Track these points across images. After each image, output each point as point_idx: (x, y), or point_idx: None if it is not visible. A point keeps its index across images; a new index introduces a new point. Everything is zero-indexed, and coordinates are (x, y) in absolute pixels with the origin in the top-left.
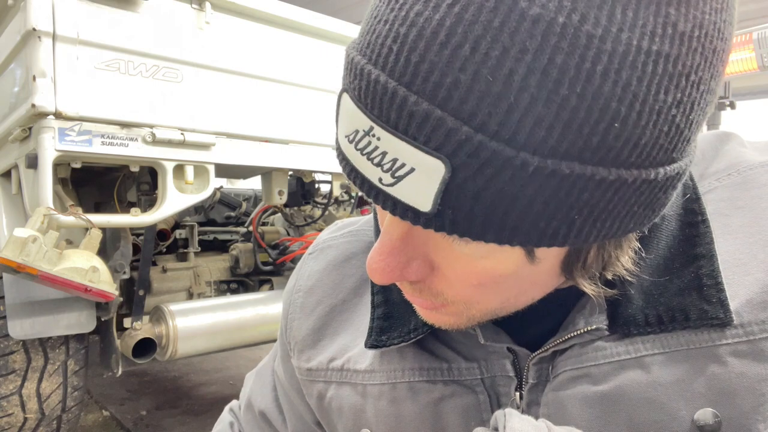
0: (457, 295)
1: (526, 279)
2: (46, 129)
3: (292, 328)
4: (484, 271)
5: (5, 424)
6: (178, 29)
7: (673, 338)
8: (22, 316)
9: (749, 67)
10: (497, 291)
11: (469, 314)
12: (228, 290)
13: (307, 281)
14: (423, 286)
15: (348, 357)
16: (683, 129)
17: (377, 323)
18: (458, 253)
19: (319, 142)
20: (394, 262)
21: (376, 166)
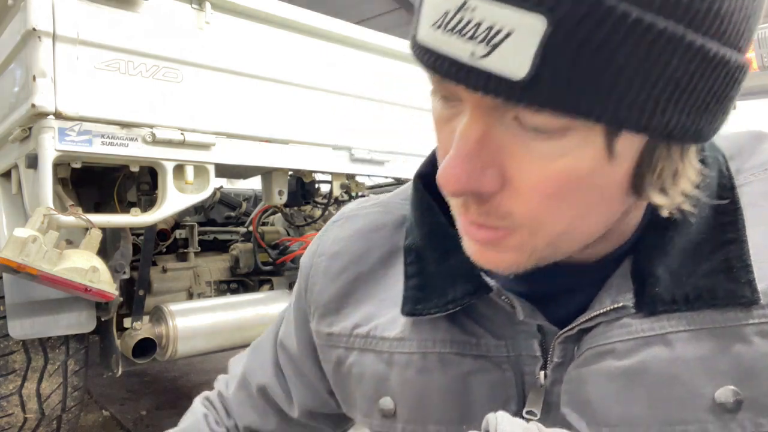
0: (528, 211)
1: (597, 188)
2: (46, 129)
3: (313, 291)
4: (561, 173)
5: (5, 424)
6: (178, 29)
7: (698, 316)
8: (22, 316)
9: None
10: (568, 203)
11: (533, 244)
12: (228, 290)
13: (331, 246)
14: (491, 207)
15: (375, 324)
16: (751, 24)
17: (412, 293)
18: (535, 156)
19: (319, 142)
20: (470, 168)
21: (468, 40)
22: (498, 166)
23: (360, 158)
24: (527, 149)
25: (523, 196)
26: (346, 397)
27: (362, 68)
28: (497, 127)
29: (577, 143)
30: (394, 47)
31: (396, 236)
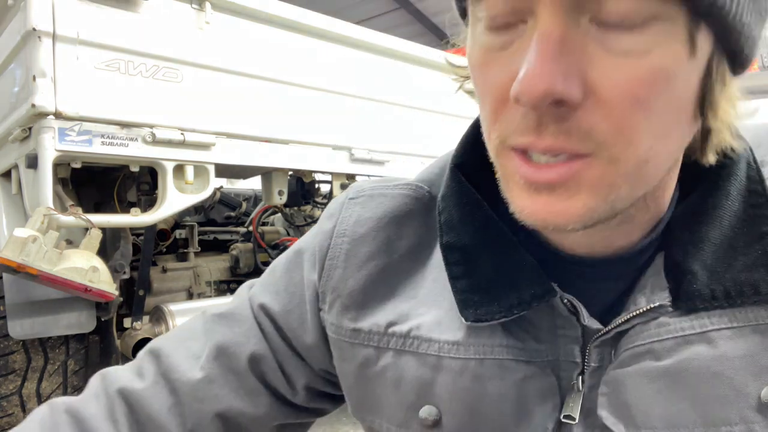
0: (614, 124)
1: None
2: (46, 129)
3: (332, 276)
4: (648, 72)
5: (5, 424)
6: (178, 29)
7: (741, 313)
8: (22, 316)
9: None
10: (656, 113)
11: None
12: (228, 290)
13: (355, 227)
14: (572, 124)
15: (416, 324)
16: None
17: (466, 296)
18: (619, 56)
19: (319, 142)
20: (557, 67)
21: None
22: (580, 74)
23: (360, 158)
24: (609, 51)
25: (609, 104)
26: (371, 402)
27: (362, 68)
28: (575, 30)
29: (662, 36)
30: (394, 47)
31: (424, 228)
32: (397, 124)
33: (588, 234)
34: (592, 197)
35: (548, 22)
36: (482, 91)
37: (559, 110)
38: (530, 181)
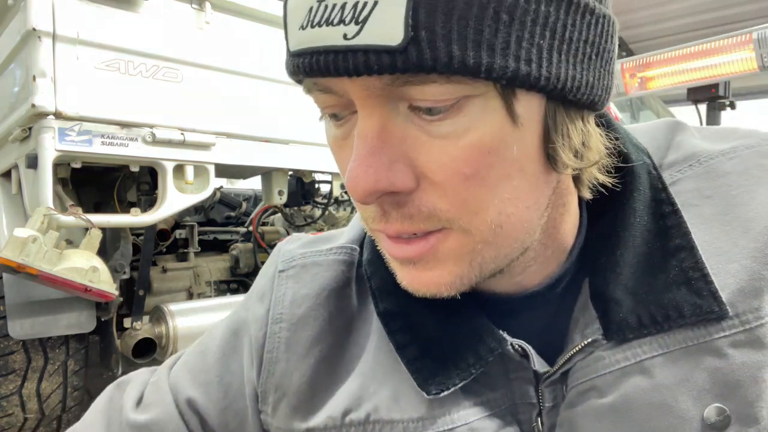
0: (452, 201)
1: (513, 161)
2: (46, 129)
3: (274, 372)
4: (471, 149)
5: (5, 424)
6: (178, 29)
7: (669, 337)
8: (22, 316)
9: (749, 67)
10: (490, 182)
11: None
12: (228, 290)
13: (292, 309)
14: (412, 208)
15: (373, 406)
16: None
17: (418, 365)
18: (440, 139)
19: (319, 142)
20: (376, 163)
21: (337, 25)
22: (406, 161)
23: None
24: (430, 135)
25: (442, 186)
26: None
27: None
28: (394, 120)
29: (477, 114)
30: None
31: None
32: None
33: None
34: (456, 265)
35: (366, 118)
36: (341, 173)
37: (396, 198)
38: (395, 257)
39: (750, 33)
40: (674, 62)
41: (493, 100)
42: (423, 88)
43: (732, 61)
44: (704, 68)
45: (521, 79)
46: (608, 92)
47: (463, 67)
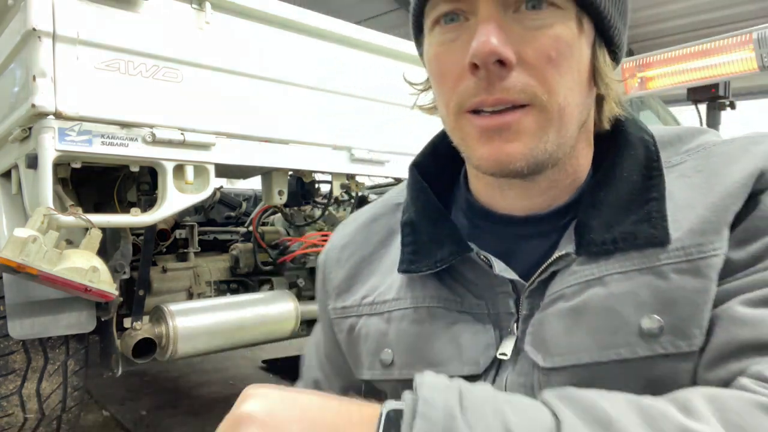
0: (539, 77)
1: (577, 61)
2: (46, 129)
3: (329, 279)
4: (554, 38)
5: (5, 424)
6: (178, 29)
7: (628, 260)
8: (22, 316)
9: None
10: (565, 68)
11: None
12: (228, 290)
13: (339, 240)
14: (511, 81)
15: (378, 293)
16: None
17: (407, 257)
18: (534, 30)
19: (319, 142)
20: (497, 36)
21: None
22: (512, 45)
23: (360, 158)
24: (527, 28)
25: (533, 65)
26: (355, 359)
27: (362, 68)
28: (504, 18)
29: (560, 17)
30: (394, 47)
31: (392, 221)
32: (397, 124)
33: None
34: (530, 139)
35: (488, 14)
36: (441, 75)
37: (501, 71)
38: (484, 128)
39: (750, 33)
40: (674, 62)
41: (570, 12)
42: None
43: (732, 61)
44: (704, 68)
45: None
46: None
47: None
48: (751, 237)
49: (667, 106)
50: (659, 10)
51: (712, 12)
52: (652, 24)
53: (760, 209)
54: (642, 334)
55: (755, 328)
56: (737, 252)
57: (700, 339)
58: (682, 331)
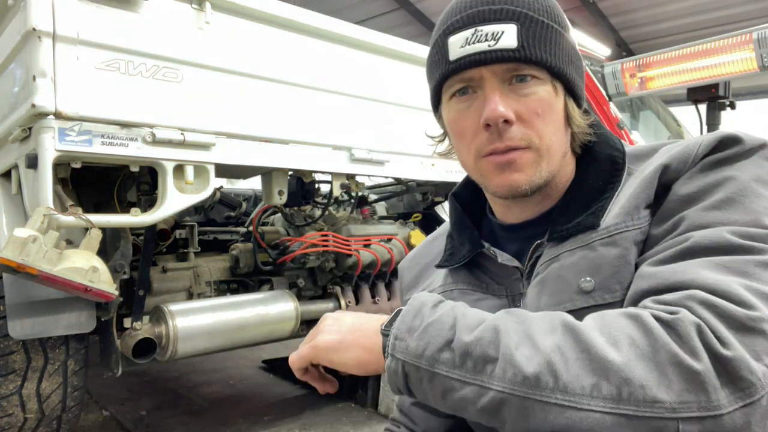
0: (531, 128)
1: (556, 113)
2: (46, 129)
3: (403, 279)
4: (540, 101)
5: (5, 424)
6: (178, 29)
7: (574, 242)
8: (22, 316)
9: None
10: (549, 120)
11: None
12: (228, 290)
13: (411, 254)
14: (512, 133)
15: (431, 285)
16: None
17: (445, 256)
18: (525, 96)
19: (319, 142)
20: (503, 104)
21: (484, 42)
22: (511, 108)
23: (360, 158)
24: (520, 95)
25: (527, 121)
26: None
27: (362, 68)
28: (505, 88)
29: (542, 86)
30: (394, 47)
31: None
32: (397, 124)
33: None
34: (530, 170)
35: (492, 88)
36: (461, 132)
37: (505, 126)
38: (497, 164)
39: (750, 33)
40: (674, 62)
41: (547, 81)
42: (521, 70)
43: (732, 61)
44: (704, 68)
45: (560, 73)
46: (584, 98)
47: (541, 61)
48: (664, 218)
49: (667, 106)
50: (659, 10)
51: (712, 12)
52: (652, 24)
53: (670, 197)
54: (580, 292)
55: (650, 279)
56: (655, 229)
57: (621, 293)
58: (607, 287)
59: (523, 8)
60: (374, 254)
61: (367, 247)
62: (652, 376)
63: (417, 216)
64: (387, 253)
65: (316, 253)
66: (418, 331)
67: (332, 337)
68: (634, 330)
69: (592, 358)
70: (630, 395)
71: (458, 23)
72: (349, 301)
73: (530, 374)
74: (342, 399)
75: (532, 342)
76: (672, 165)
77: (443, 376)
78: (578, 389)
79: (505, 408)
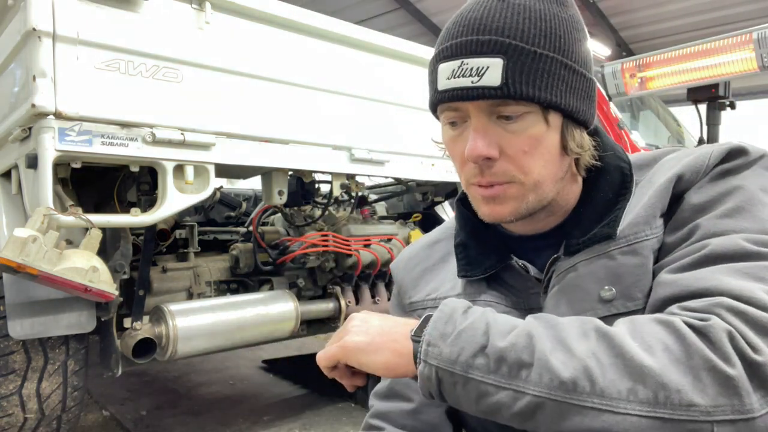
0: (517, 166)
1: (547, 147)
2: (46, 129)
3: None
4: (528, 138)
5: (5, 424)
6: (178, 29)
7: (591, 252)
8: (22, 316)
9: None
10: (536, 156)
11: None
12: (228, 290)
13: (406, 255)
14: (496, 169)
15: (440, 292)
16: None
17: (462, 267)
18: (513, 133)
19: (319, 142)
20: (484, 143)
21: (468, 77)
22: (496, 143)
23: (360, 158)
24: (508, 130)
25: (512, 157)
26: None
27: (362, 68)
28: (490, 122)
29: (530, 121)
30: (394, 47)
31: (449, 245)
32: (397, 124)
33: (527, 224)
34: (514, 203)
35: (476, 120)
36: (453, 158)
37: (488, 163)
38: (482, 196)
39: (750, 33)
40: (674, 62)
41: (538, 115)
42: (507, 107)
43: (732, 61)
44: (704, 68)
45: (553, 105)
46: (593, 117)
47: (527, 97)
48: (678, 226)
49: (667, 106)
50: (659, 10)
51: (712, 12)
52: (652, 24)
53: (684, 206)
54: (601, 301)
55: (672, 286)
56: (670, 237)
57: (642, 300)
58: (629, 295)
59: (514, 38)
60: (374, 254)
61: (367, 247)
62: (687, 380)
63: (417, 216)
64: (387, 253)
65: (316, 253)
66: (451, 337)
67: (361, 339)
68: (667, 336)
69: (627, 363)
70: (666, 399)
71: (447, 52)
72: (349, 301)
73: (567, 379)
74: (342, 399)
75: (567, 347)
76: (686, 175)
77: (477, 381)
78: (615, 393)
79: (540, 412)
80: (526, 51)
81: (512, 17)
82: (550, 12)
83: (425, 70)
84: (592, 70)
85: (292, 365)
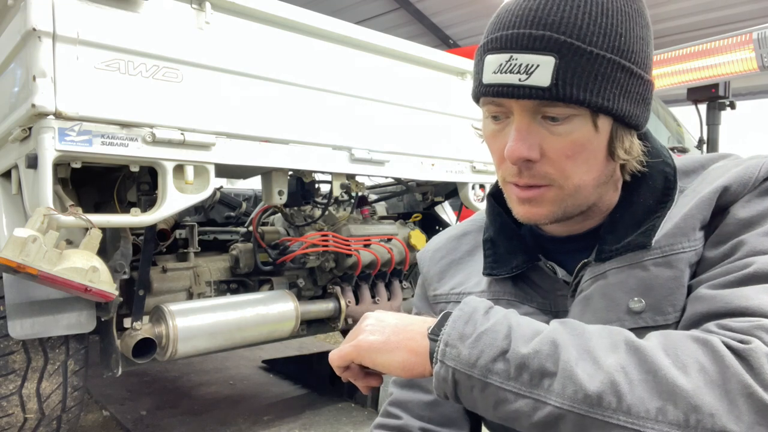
0: (557, 170)
1: (592, 152)
2: (46, 129)
3: (424, 270)
4: (572, 143)
5: (5, 424)
6: (178, 29)
7: (623, 260)
8: (22, 316)
9: (749, 67)
10: (579, 162)
11: (562, 196)
12: (228, 290)
13: (433, 245)
14: (535, 171)
15: (465, 287)
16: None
17: (489, 264)
18: (557, 135)
19: (319, 142)
20: (525, 144)
21: (516, 74)
22: (538, 145)
23: (360, 158)
24: (551, 133)
25: (554, 161)
26: None
27: (362, 68)
28: (533, 122)
29: (577, 125)
30: (394, 47)
31: (478, 237)
32: (397, 124)
33: (561, 225)
34: (551, 207)
35: (519, 119)
36: (492, 152)
37: (528, 164)
38: (519, 198)
39: (750, 33)
40: (674, 62)
41: (587, 119)
42: (554, 108)
43: (732, 61)
44: (704, 68)
45: (603, 109)
46: (646, 121)
47: (576, 100)
48: (721, 240)
49: (667, 106)
50: (659, 10)
51: (712, 12)
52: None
53: (728, 219)
54: (630, 312)
55: (710, 302)
56: (711, 251)
57: (673, 315)
58: (659, 309)
59: (570, 36)
60: (374, 254)
61: (367, 247)
62: (722, 405)
63: (417, 216)
64: (387, 253)
65: (316, 253)
66: (471, 338)
67: (376, 338)
68: (703, 356)
69: (658, 381)
70: (698, 423)
71: (496, 43)
72: (349, 301)
73: (592, 392)
74: (342, 399)
75: (594, 359)
76: (732, 187)
77: (496, 387)
78: (642, 412)
79: (561, 423)
80: (581, 50)
81: (570, 11)
82: (613, 6)
83: (426, 69)
84: (651, 70)
85: (292, 365)
